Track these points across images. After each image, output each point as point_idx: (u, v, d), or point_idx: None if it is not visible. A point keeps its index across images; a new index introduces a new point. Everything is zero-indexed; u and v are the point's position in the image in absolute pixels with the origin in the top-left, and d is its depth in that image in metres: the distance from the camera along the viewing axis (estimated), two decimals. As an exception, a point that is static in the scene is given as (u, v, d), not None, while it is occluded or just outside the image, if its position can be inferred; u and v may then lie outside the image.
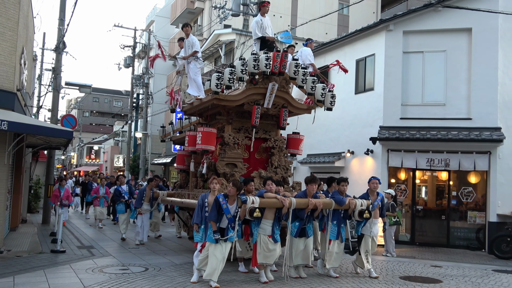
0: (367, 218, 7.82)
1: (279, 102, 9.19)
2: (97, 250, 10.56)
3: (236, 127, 9.32)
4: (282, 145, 9.61)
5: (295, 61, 8.93)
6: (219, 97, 8.47)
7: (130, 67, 31.58)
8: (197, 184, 9.75)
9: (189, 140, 9.30)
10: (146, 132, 30.66)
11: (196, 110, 9.92)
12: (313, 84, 9.20)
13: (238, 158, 9.02)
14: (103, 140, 52.30)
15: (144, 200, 11.33)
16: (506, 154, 12.92)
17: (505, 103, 13.07)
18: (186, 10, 31.29)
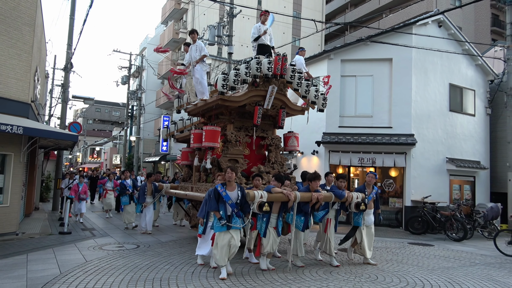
0: (363, 210, 6.93)
1: (277, 103, 8.32)
2: (98, 231, 10.24)
3: (237, 126, 8.43)
4: (279, 143, 8.79)
5: (292, 66, 8.04)
6: (224, 98, 7.55)
7: (126, 84, 31.05)
8: (200, 178, 8.81)
9: (194, 137, 8.25)
10: (139, 136, 30.10)
11: (200, 110, 8.85)
12: (307, 88, 8.33)
13: (239, 154, 8.17)
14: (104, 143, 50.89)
15: (147, 194, 10.19)
16: (417, 154, 13.33)
17: (417, 115, 13.50)
18: (172, 40, 30.92)
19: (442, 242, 10.34)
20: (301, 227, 6.62)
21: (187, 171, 10.14)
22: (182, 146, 27.50)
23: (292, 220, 6.39)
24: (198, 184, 8.71)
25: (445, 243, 10.18)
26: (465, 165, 13.95)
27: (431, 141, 13.72)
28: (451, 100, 14.45)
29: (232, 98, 7.68)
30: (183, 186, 9.61)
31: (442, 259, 7.85)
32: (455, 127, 14.43)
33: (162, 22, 34.55)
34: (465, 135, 14.65)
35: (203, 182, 8.62)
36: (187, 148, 9.88)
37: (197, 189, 8.47)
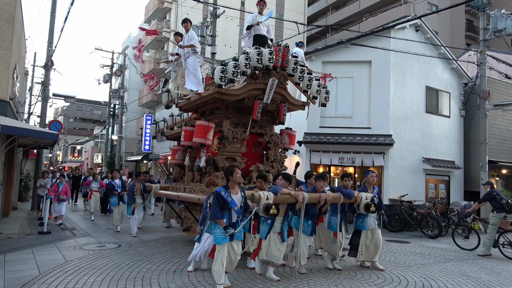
0: (373, 211, 6.20)
1: (277, 98, 7.64)
2: (78, 231, 10.04)
3: (234, 122, 7.70)
4: (278, 140, 8.03)
5: (294, 58, 7.34)
6: (221, 91, 6.88)
7: (108, 82, 30.52)
8: (194, 178, 8.03)
9: (185, 135, 7.62)
10: (121, 135, 29.64)
11: (193, 105, 8.03)
12: (309, 82, 7.69)
13: (237, 152, 7.43)
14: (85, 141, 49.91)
15: (136, 194, 9.45)
16: (395, 154, 13.58)
17: (395, 116, 13.75)
18: (155, 38, 30.54)
19: (418, 239, 10.56)
20: (309, 231, 5.90)
21: (178, 170, 9.32)
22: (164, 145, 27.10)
23: (300, 224, 5.71)
24: (191, 184, 8.00)
25: (421, 240, 10.40)
26: (441, 165, 14.30)
27: (408, 141, 14.00)
28: (427, 102, 14.77)
29: (229, 91, 7.02)
30: (174, 186, 8.83)
31: (418, 256, 8.02)
32: (431, 128, 14.76)
33: (145, 21, 34.11)
34: (441, 136, 15.01)
35: (196, 182, 7.89)
36: (178, 146, 9.16)
37: (190, 190, 7.75)
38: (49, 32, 15.42)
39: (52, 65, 16.03)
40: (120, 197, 10.44)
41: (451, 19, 32.82)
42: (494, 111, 15.27)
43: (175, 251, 7.51)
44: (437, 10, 13.21)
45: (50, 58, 15.61)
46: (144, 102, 31.59)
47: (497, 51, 18.75)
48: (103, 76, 30.64)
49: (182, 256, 7.02)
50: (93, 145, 44.39)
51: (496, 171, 16.27)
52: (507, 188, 16.44)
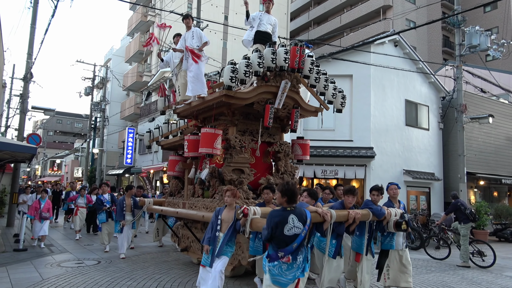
0: (405, 230, 5.32)
1: (289, 102, 6.83)
2: (56, 247, 9.72)
3: (241, 129, 6.88)
4: (288, 150, 7.26)
5: (310, 58, 6.54)
6: (229, 94, 6.06)
7: (90, 95, 30.12)
8: (195, 192, 7.14)
9: (189, 145, 6.75)
10: (102, 148, 29.16)
11: (194, 110, 7.15)
12: (326, 83, 6.89)
13: (245, 163, 6.59)
14: (65, 155, 48.87)
15: (126, 210, 8.42)
16: (376, 166, 13.76)
17: (376, 129, 13.98)
18: (138, 52, 30.45)
19: (400, 251, 10.63)
20: (332, 253, 5.16)
21: (176, 183, 8.33)
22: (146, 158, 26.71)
23: (326, 246, 4.89)
24: (192, 199, 7.09)
25: (403, 252, 10.48)
26: (421, 177, 14.55)
27: (389, 153, 14.22)
28: (407, 115, 15.10)
29: (238, 94, 6.24)
30: (172, 201, 7.87)
31: (400, 267, 8.05)
32: (411, 141, 15.06)
33: (128, 34, 34.01)
34: (420, 148, 15.31)
35: (198, 197, 7.03)
36: (176, 157, 8.27)
37: (191, 206, 6.90)
38: (29, 44, 15.18)
39: (32, 77, 15.74)
40: (109, 213, 9.57)
41: (428, 35, 33.89)
42: (471, 124, 15.71)
43: (156, 267, 7.35)
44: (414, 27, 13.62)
45: (29, 70, 15.34)
46: (127, 115, 31.26)
47: (472, 66, 19.42)
48: (85, 89, 30.24)
49: (164, 272, 6.87)
50: (73, 159, 43.51)
51: (474, 183, 16.64)
52: (485, 199, 16.82)
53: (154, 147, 23.95)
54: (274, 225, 3.63)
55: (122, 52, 34.96)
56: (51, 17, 12.29)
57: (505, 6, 34.11)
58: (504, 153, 17.68)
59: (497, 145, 17.39)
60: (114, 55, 36.60)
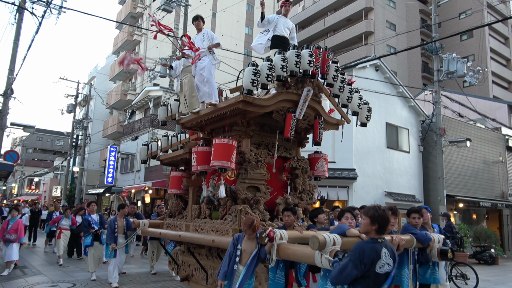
0: (451, 259, 4.73)
1: (310, 113, 6.11)
2: (30, 269, 9.33)
3: (256, 142, 6.10)
4: (306, 166, 6.50)
5: (334, 64, 5.92)
6: (248, 100, 5.28)
7: (72, 112, 29.78)
8: (201, 212, 6.27)
9: (198, 157, 5.88)
10: (83, 167, 28.61)
11: (202, 120, 6.28)
12: (350, 94, 6.25)
13: (261, 179, 5.79)
14: (44, 173, 47.68)
15: (118, 232, 7.58)
16: (359, 188, 13.89)
17: (358, 151, 14.18)
18: (122, 70, 30.38)
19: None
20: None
21: (176, 203, 7.39)
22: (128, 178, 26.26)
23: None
24: (197, 221, 6.15)
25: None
26: (402, 199, 14.72)
27: (370, 175, 14.38)
28: (388, 138, 15.39)
29: (258, 101, 5.47)
30: (172, 223, 6.94)
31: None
32: (392, 163, 15.30)
33: (114, 52, 34.03)
34: (401, 170, 15.56)
35: (205, 218, 6.12)
36: (180, 172, 7.34)
37: (196, 228, 6.00)
38: (10, 60, 14.98)
39: (12, 93, 15.45)
40: (96, 236, 8.58)
41: (408, 61, 35.03)
42: (450, 147, 16.10)
43: (134, 290, 7.09)
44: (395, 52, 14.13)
45: (10, 86, 15.09)
46: (109, 133, 30.89)
47: (450, 92, 20.08)
48: (67, 106, 29.90)
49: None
50: (53, 177, 42.47)
51: (454, 205, 16.92)
52: (464, 221, 17.08)
53: (135, 166, 23.63)
54: (370, 261, 2.85)
55: (107, 70, 34.88)
56: (35, 34, 12.23)
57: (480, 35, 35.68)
58: (482, 176, 18.11)
59: (475, 168, 17.83)
60: (98, 73, 36.44)
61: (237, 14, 33.79)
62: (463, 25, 33.78)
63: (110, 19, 12.29)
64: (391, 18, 34.93)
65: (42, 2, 12.36)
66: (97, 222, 8.92)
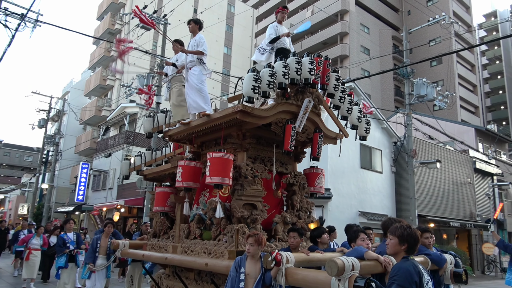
0: (465, 282, 4.35)
1: (309, 126, 5.79)
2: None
3: (251, 156, 5.68)
4: (304, 182, 6.13)
5: (335, 74, 5.64)
6: (247, 110, 4.92)
7: (44, 127, 28.96)
8: (190, 232, 5.75)
9: (184, 172, 5.41)
10: (53, 184, 27.65)
11: (193, 132, 5.82)
12: (350, 106, 5.96)
13: (258, 196, 5.38)
14: (10, 190, 45.73)
15: (99, 252, 6.99)
16: (333, 207, 14.04)
17: (333, 171, 14.40)
18: (98, 86, 30.04)
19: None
20: None
21: (162, 222, 6.76)
22: (99, 195, 25.62)
23: None
24: (186, 242, 5.61)
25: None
26: (375, 218, 14.97)
27: (345, 195, 14.60)
28: (362, 158, 15.74)
29: (257, 111, 5.11)
30: (156, 244, 6.37)
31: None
32: (366, 183, 15.60)
33: (90, 67, 33.63)
34: (374, 190, 15.88)
35: (195, 238, 5.60)
36: (166, 188, 6.77)
37: (185, 250, 5.46)
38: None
39: (-20, 106, 14.97)
40: (72, 257, 7.95)
41: (381, 84, 36.26)
42: (420, 169, 16.59)
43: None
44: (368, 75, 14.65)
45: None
46: (82, 150, 30.17)
47: (421, 115, 20.83)
48: (38, 121, 29.06)
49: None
50: (19, 195, 40.81)
51: (425, 225, 17.32)
52: (435, 241, 17.46)
53: (108, 184, 23.08)
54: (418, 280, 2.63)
55: (82, 85, 34.36)
56: (7, 46, 11.97)
57: (448, 61, 37.45)
58: (451, 197, 18.70)
59: (445, 189, 18.41)
60: (73, 88, 35.81)
61: (216, 34, 34.22)
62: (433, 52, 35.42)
63: (87, 35, 12.25)
64: (365, 43, 36.27)
65: (17, 15, 12.17)
66: (73, 241, 8.22)
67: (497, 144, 25.44)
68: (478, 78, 47.13)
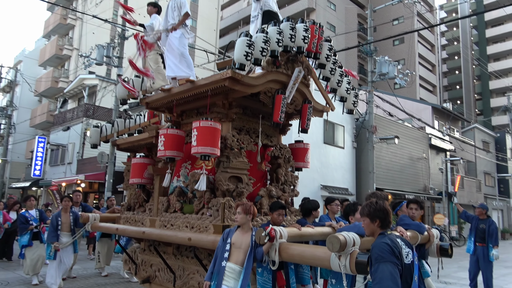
0: (450, 256, 4.35)
1: (297, 97, 5.58)
2: None
3: (237, 127, 5.42)
4: (289, 155, 5.99)
5: (328, 43, 5.29)
6: (237, 77, 4.60)
7: (-6, 99, 27.23)
8: (170, 205, 5.45)
9: (166, 141, 5.07)
10: (6, 158, 26.32)
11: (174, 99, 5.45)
12: (341, 78, 5.72)
13: (243, 169, 5.10)
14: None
15: (61, 229, 6.62)
16: (296, 181, 14.41)
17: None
18: (54, 55, 28.39)
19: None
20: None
21: (137, 194, 6.43)
22: (58, 170, 24.76)
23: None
24: (166, 215, 5.33)
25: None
26: (336, 192, 15.55)
27: (308, 169, 14.89)
28: (325, 134, 16.13)
29: (246, 79, 4.77)
30: (131, 218, 6.05)
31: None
32: (328, 158, 16.07)
33: (44, 35, 31.63)
34: (336, 165, 16.41)
35: (175, 211, 5.33)
36: (142, 159, 6.38)
37: (165, 224, 5.22)
38: None
39: None
40: (36, 234, 7.51)
41: (346, 62, 36.82)
42: (380, 144, 17.27)
43: None
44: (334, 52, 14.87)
45: None
46: (37, 123, 28.77)
47: (382, 92, 21.46)
48: (-12, 92, 27.31)
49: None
50: (-31, 170, 38.58)
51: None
52: (391, 213, 18.45)
53: (67, 158, 22.30)
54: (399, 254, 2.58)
55: (36, 54, 32.36)
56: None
57: (410, 41, 38.52)
58: (407, 171, 19.70)
59: (402, 163, 19.34)
60: (26, 57, 33.72)
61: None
62: (396, 31, 36.26)
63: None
64: (331, 19, 36.46)
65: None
66: (36, 219, 7.74)
67: (451, 121, 26.88)
68: (437, 58, 48.97)
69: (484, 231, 7.08)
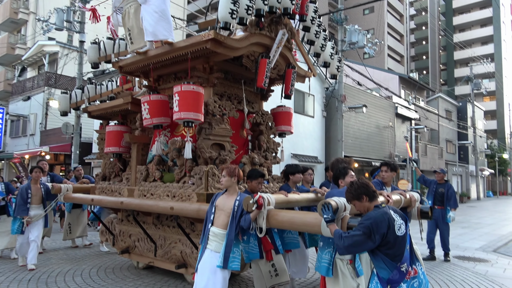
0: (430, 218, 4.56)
1: (280, 62, 5.41)
2: None
3: (218, 93, 5.21)
4: (271, 122, 5.89)
5: (313, 4, 5.11)
6: (219, 39, 4.34)
7: None
8: (149, 174, 5.28)
9: (151, 108, 4.82)
10: (-38, 130, 24.92)
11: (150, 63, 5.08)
12: (325, 42, 5.58)
13: (226, 136, 4.98)
14: None
15: (31, 202, 6.20)
16: (267, 150, 14.58)
17: (267, 115, 14.74)
18: (9, 20, 26.49)
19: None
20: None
21: (113, 164, 6.15)
22: (20, 142, 23.81)
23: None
24: (145, 184, 5.18)
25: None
26: (306, 160, 15.87)
27: (278, 138, 15.14)
28: (296, 103, 16.23)
29: (229, 41, 4.50)
30: (108, 187, 5.84)
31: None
32: (298, 127, 16.25)
33: (-5, -3, 29.30)
34: (306, 134, 16.66)
35: (154, 181, 5.17)
36: (119, 126, 6.02)
37: (144, 193, 5.08)
38: None
39: None
40: (3, 208, 7.03)
41: (316, 30, 36.62)
42: (349, 113, 17.60)
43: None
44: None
45: None
46: (-5, 92, 27.16)
47: (352, 62, 21.67)
48: None
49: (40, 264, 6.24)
50: None
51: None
52: (359, 179, 19.14)
53: (29, 130, 21.38)
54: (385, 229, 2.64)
55: (-12, 18, 30.09)
56: None
57: (379, 10, 38.68)
58: (374, 139, 20.31)
59: (369, 132, 19.89)
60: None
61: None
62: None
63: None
64: (302, -14, 35.77)
65: None
66: (2, 192, 7.15)
67: (417, 91, 27.67)
68: (406, 28, 49.60)
69: (443, 195, 7.48)
